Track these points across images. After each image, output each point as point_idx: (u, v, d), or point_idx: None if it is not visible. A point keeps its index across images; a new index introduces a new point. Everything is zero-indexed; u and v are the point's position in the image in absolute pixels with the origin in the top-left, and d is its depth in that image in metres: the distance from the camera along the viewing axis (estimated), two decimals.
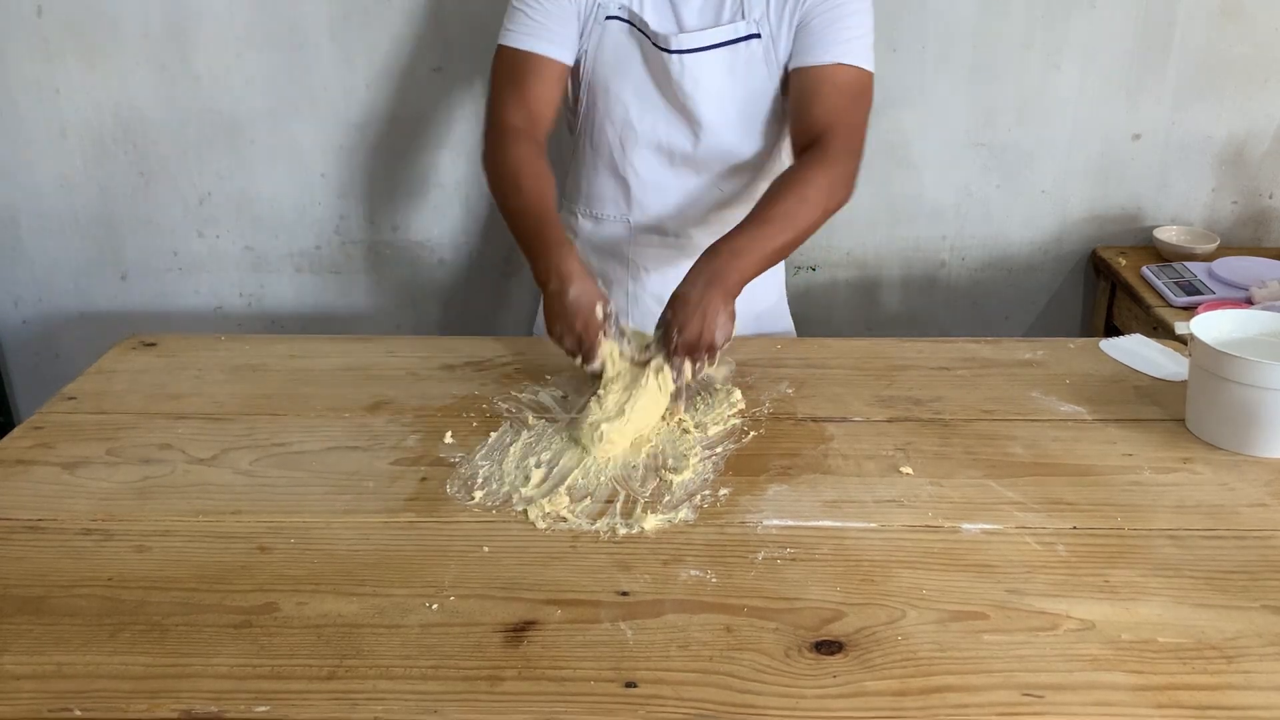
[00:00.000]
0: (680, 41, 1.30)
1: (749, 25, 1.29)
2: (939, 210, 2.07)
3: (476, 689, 0.76)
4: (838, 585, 0.87)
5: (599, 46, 1.33)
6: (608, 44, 1.32)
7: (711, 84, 1.33)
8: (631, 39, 1.33)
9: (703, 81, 1.32)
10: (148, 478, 1.05)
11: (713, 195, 1.43)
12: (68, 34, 1.91)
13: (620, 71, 1.34)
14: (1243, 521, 0.96)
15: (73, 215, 2.06)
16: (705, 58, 1.31)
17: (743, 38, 1.30)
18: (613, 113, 1.38)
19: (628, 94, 1.36)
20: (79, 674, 0.78)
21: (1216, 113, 1.98)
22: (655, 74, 1.34)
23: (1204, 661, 0.78)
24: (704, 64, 1.31)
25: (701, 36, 1.30)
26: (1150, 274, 1.88)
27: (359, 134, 1.99)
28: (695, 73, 1.32)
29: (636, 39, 1.33)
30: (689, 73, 1.32)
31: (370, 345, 1.36)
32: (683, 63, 1.31)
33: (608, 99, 1.37)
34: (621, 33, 1.32)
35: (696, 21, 1.31)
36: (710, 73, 1.32)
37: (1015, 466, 1.05)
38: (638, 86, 1.35)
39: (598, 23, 1.31)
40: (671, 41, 1.30)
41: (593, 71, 1.35)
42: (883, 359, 1.31)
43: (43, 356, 2.19)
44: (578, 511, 0.98)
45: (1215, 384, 1.07)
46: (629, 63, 1.34)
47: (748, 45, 1.30)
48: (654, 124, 1.37)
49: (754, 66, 1.31)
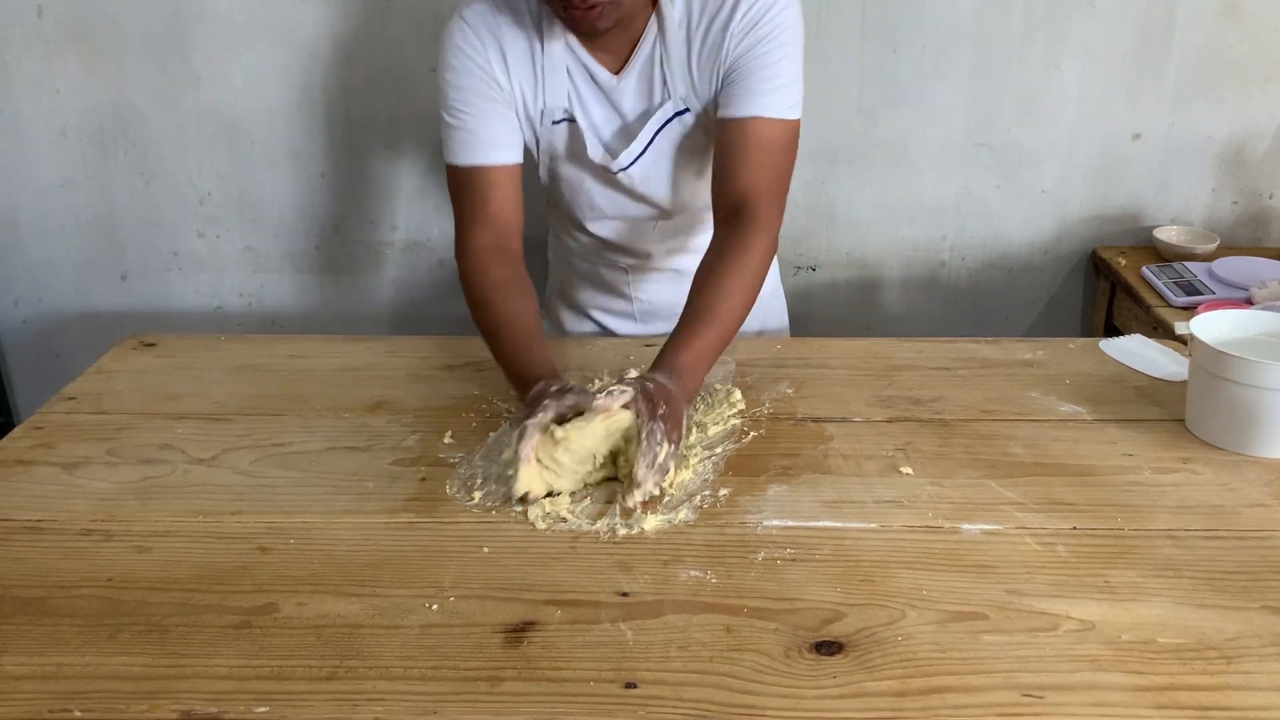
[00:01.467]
0: (620, 161, 1.29)
1: (675, 103, 1.27)
2: (939, 210, 2.07)
3: (476, 690, 0.76)
4: (838, 586, 0.87)
5: (552, 144, 1.32)
6: (559, 143, 1.31)
7: (661, 172, 1.33)
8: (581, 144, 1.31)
9: (653, 177, 1.33)
10: (148, 478, 1.05)
11: (696, 232, 1.44)
12: (68, 34, 1.91)
13: (578, 166, 1.34)
14: (1243, 522, 0.96)
15: (73, 215, 2.06)
16: (647, 156, 1.30)
17: (671, 118, 1.28)
18: (578, 199, 1.38)
19: (588, 183, 1.36)
20: (79, 674, 0.78)
21: (1216, 113, 1.98)
22: (610, 180, 1.34)
23: (1204, 662, 0.78)
24: (649, 162, 1.31)
25: (637, 144, 1.29)
26: (1150, 274, 1.88)
27: (359, 134, 1.99)
28: (645, 174, 1.32)
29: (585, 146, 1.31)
30: (638, 179, 1.32)
31: (370, 345, 1.36)
32: (630, 176, 1.31)
33: (572, 188, 1.37)
34: (571, 135, 1.31)
35: (632, 106, 1.29)
36: (657, 163, 1.32)
37: (1015, 466, 1.05)
38: (597, 186, 1.35)
39: (545, 127, 1.30)
40: (611, 164, 1.30)
41: (552, 165, 1.35)
42: (883, 359, 1.31)
43: (43, 356, 2.19)
44: (578, 512, 0.98)
45: (1215, 384, 1.07)
46: (583, 166, 1.33)
47: (681, 121, 1.29)
48: (621, 208, 1.38)
49: (695, 136, 1.30)
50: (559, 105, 1.28)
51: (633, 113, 1.30)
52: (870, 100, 1.98)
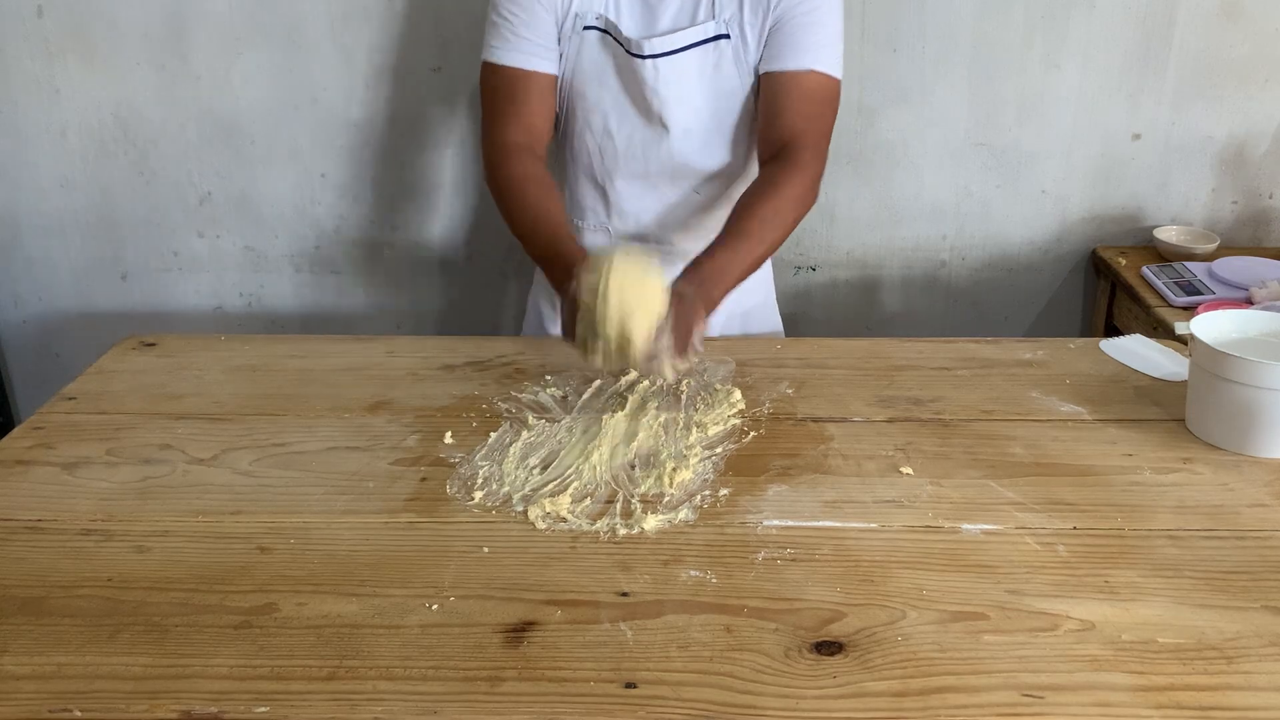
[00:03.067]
0: (652, 46, 1.30)
1: (718, 25, 1.29)
2: (939, 210, 2.07)
3: (476, 690, 0.76)
4: (838, 586, 0.87)
5: (577, 57, 1.32)
6: (585, 54, 1.32)
7: (683, 88, 1.33)
8: (607, 49, 1.33)
9: (675, 85, 1.33)
10: (148, 478, 1.05)
11: (691, 201, 1.44)
12: (68, 34, 1.91)
13: (597, 81, 1.34)
14: (1243, 521, 0.96)
15: (73, 215, 2.06)
16: (677, 61, 1.31)
17: (712, 38, 1.30)
18: (591, 122, 1.38)
19: (605, 103, 1.36)
20: (79, 674, 0.78)
21: (1216, 113, 1.98)
22: (629, 82, 1.34)
23: (1204, 662, 0.78)
24: (676, 67, 1.31)
25: (672, 39, 1.30)
26: (1150, 274, 1.88)
27: (359, 134, 1.99)
28: (668, 76, 1.32)
29: (611, 48, 1.32)
30: (662, 77, 1.32)
31: (370, 345, 1.36)
32: (656, 67, 1.31)
33: (586, 108, 1.37)
34: (598, 42, 1.32)
35: (670, 23, 1.31)
36: (682, 76, 1.32)
37: (1015, 466, 1.05)
38: (614, 96, 1.35)
39: (575, 33, 1.30)
40: (644, 46, 1.30)
41: (571, 82, 1.35)
42: (883, 359, 1.31)
43: (43, 356, 2.19)
44: (578, 512, 0.98)
45: (1215, 384, 1.07)
46: (605, 72, 1.34)
47: (717, 46, 1.30)
48: (630, 133, 1.37)
49: (724, 68, 1.32)
50: (593, 9, 1.30)
51: (672, 24, 1.31)
52: (870, 100, 1.98)
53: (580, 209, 1.48)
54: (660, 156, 1.39)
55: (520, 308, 2.13)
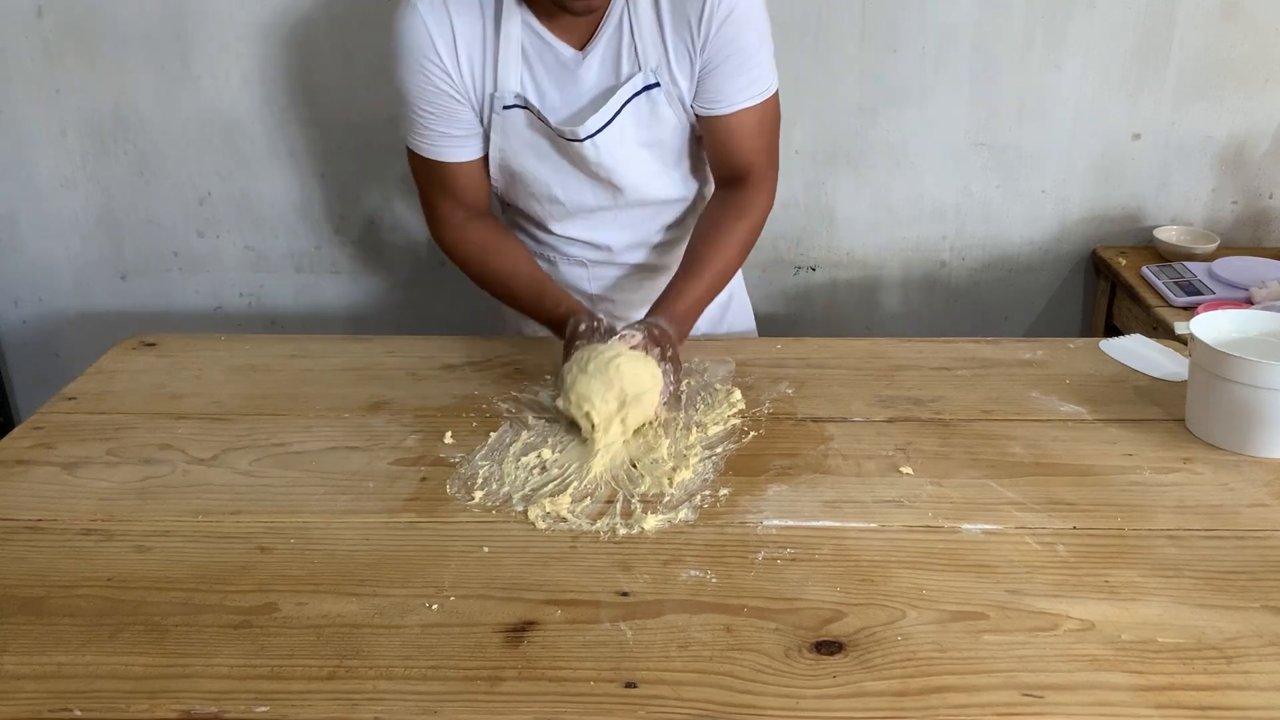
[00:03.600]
0: (586, 128, 1.25)
1: (646, 76, 1.25)
2: (939, 210, 2.07)
3: (476, 689, 0.76)
4: (838, 585, 0.87)
5: (505, 134, 1.29)
6: (512, 131, 1.28)
7: (625, 150, 1.30)
8: (534, 127, 1.28)
9: (618, 153, 1.30)
10: (148, 478, 1.05)
11: (654, 226, 1.43)
12: (68, 34, 1.91)
13: (534, 157, 1.31)
14: (1243, 521, 0.96)
15: (73, 215, 2.06)
16: (614, 129, 1.27)
17: (641, 90, 1.26)
18: (535, 191, 1.35)
19: (546, 173, 1.33)
20: (79, 674, 0.78)
21: (1216, 113, 1.98)
22: (570, 158, 1.31)
23: (1204, 662, 0.78)
24: (614, 136, 1.28)
25: (604, 112, 1.26)
26: (1150, 274, 1.88)
27: (359, 134, 1.99)
28: (609, 147, 1.28)
29: (539, 127, 1.28)
30: (604, 151, 1.28)
31: (370, 345, 1.36)
32: (595, 145, 1.27)
33: (526, 180, 1.34)
34: (525, 121, 1.28)
35: (595, 83, 1.26)
36: (621, 140, 1.29)
37: (1015, 466, 1.05)
38: (555, 168, 1.32)
39: (497, 114, 1.27)
40: (579, 131, 1.26)
41: (504, 158, 1.32)
42: (883, 359, 1.31)
43: (43, 356, 2.19)
44: (578, 511, 0.98)
45: (1215, 384, 1.07)
46: (540, 149, 1.30)
47: (649, 96, 1.27)
48: (579, 195, 1.35)
49: (659, 112, 1.28)
50: (510, 89, 1.25)
51: (596, 89, 1.27)
52: (870, 100, 1.98)
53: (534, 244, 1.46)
54: (616, 206, 1.38)
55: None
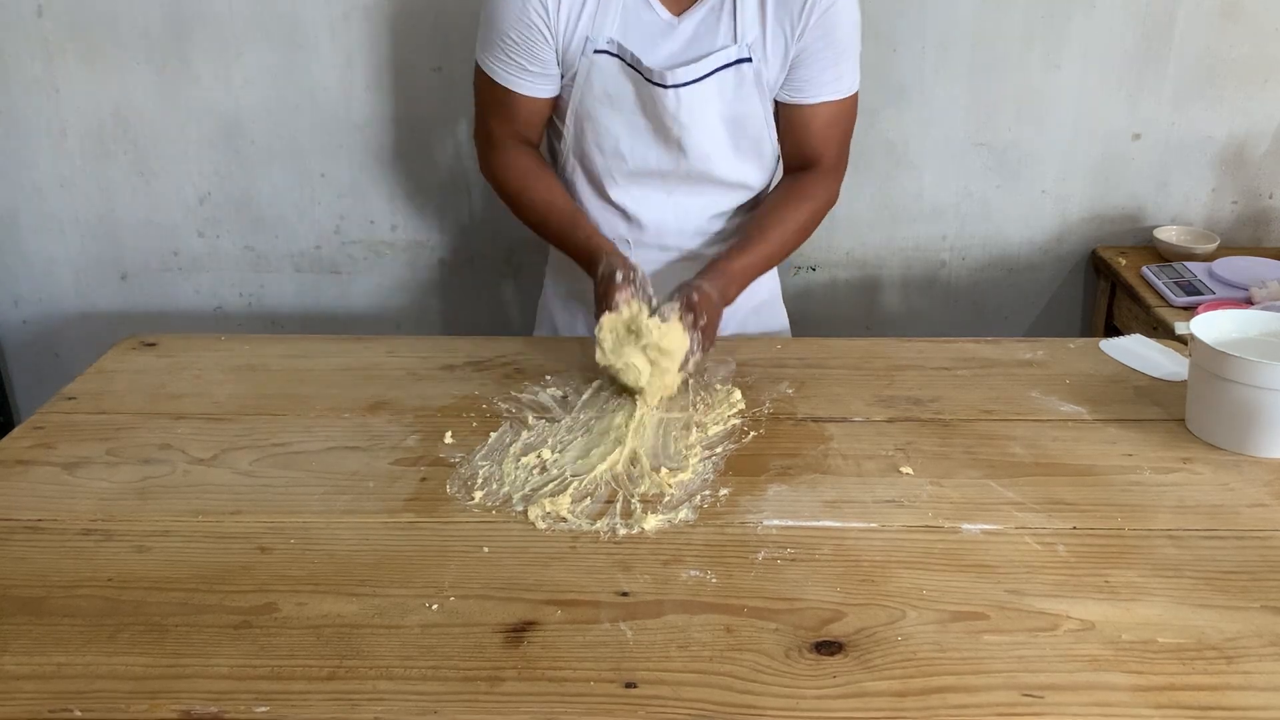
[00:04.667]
0: (675, 76, 1.27)
1: (740, 50, 1.28)
2: (939, 210, 2.07)
3: (476, 689, 0.76)
4: (838, 585, 0.87)
5: (587, 80, 1.30)
6: (596, 78, 1.30)
7: (704, 113, 1.32)
8: (622, 73, 1.30)
9: (696, 112, 1.31)
10: (148, 478, 1.05)
11: (709, 212, 1.43)
12: (68, 34, 1.91)
13: (610, 104, 1.32)
14: (1243, 521, 0.96)
15: (73, 215, 2.06)
16: (699, 88, 1.29)
17: (734, 62, 1.29)
18: (602, 143, 1.36)
19: (617, 126, 1.34)
20: (79, 674, 0.78)
21: (1216, 113, 1.98)
22: (647, 107, 1.32)
23: (1204, 662, 0.78)
24: (698, 94, 1.30)
25: (695, 68, 1.28)
26: (1150, 274, 1.88)
27: (359, 134, 1.99)
28: (690, 104, 1.30)
29: (628, 74, 1.30)
30: (684, 106, 1.30)
31: (370, 345, 1.36)
32: (678, 96, 1.29)
33: (596, 130, 1.35)
34: (611, 66, 1.30)
35: (685, 47, 1.29)
36: (704, 102, 1.31)
37: (1015, 466, 1.05)
38: (628, 119, 1.34)
39: (585, 56, 1.28)
40: (667, 76, 1.27)
41: (580, 103, 1.33)
42: (883, 359, 1.31)
43: (43, 356, 2.19)
44: (578, 511, 0.98)
45: (1215, 384, 1.07)
46: (620, 96, 1.32)
47: (739, 70, 1.29)
48: (644, 154, 1.36)
49: (745, 89, 1.31)
50: (604, 35, 1.28)
51: (686, 52, 1.29)
52: (870, 100, 1.97)
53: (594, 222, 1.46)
54: (678, 176, 1.38)
55: (520, 308, 2.13)
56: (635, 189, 1.40)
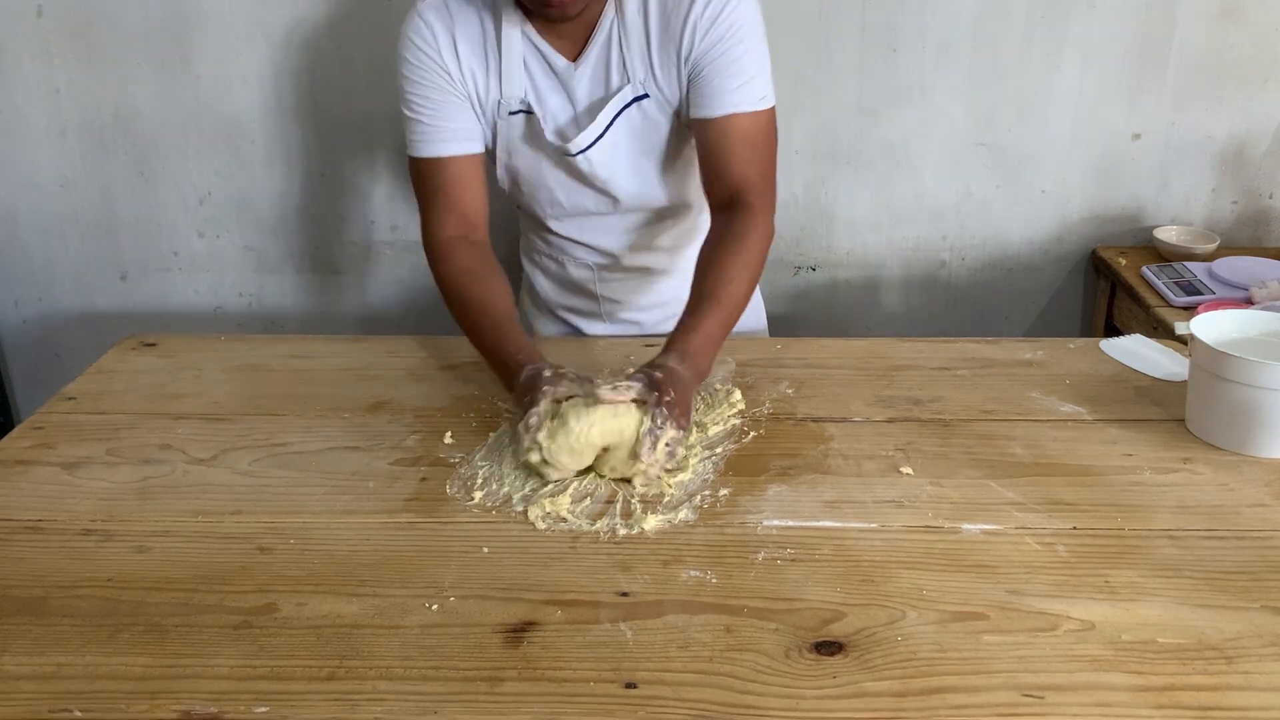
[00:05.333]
0: (578, 142, 1.28)
1: (635, 88, 1.27)
2: (939, 210, 2.07)
3: (476, 690, 0.76)
4: (838, 585, 0.87)
5: (510, 138, 1.31)
6: (516, 136, 1.31)
7: (620, 160, 1.32)
8: (535, 138, 1.31)
9: (611, 163, 1.32)
10: (148, 478, 1.05)
11: (657, 232, 1.44)
12: (68, 34, 1.91)
13: (535, 160, 1.33)
14: (1243, 521, 0.96)
15: (73, 215, 2.06)
16: (606, 141, 1.30)
17: (630, 102, 1.28)
18: (538, 194, 1.37)
19: (548, 181, 1.35)
20: (79, 674, 0.78)
21: (1216, 113, 1.98)
22: (567, 169, 1.33)
23: (1204, 662, 0.78)
24: (607, 147, 1.30)
25: (594, 127, 1.28)
26: (1150, 274, 1.88)
27: (359, 134, 1.99)
28: (602, 159, 1.31)
29: (539, 140, 1.31)
30: (597, 163, 1.31)
31: (370, 345, 1.36)
32: (589, 159, 1.30)
33: (531, 183, 1.36)
34: (526, 126, 1.31)
35: (587, 93, 1.29)
36: (615, 150, 1.31)
37: (1015, 466, 1.05)
38: (555, 176, 1.35)
39: (502, 118, 1.30)
40: (569, 146, 1.29)
41: (510, 157, 1.34)
42: (883, 359, 1.31)
43: (43, 356, 2.19)
44: (578, 512, 0.98)
45: (1215, 384, 1.07)
46: (540, 158, 1.33)
47: (639, 106, 1.29)
48: (579, 200, 1.37)
49: (649, 123, 1.30)
50: (515, 95, 1.28)
51: (589, 99, 1.29)
52: (870, 100, 1.98)
53: (553, 251, 1.48)
54: (616, 212, 1.39)
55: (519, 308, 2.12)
56: (579, 228, 1.42)
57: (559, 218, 1.41)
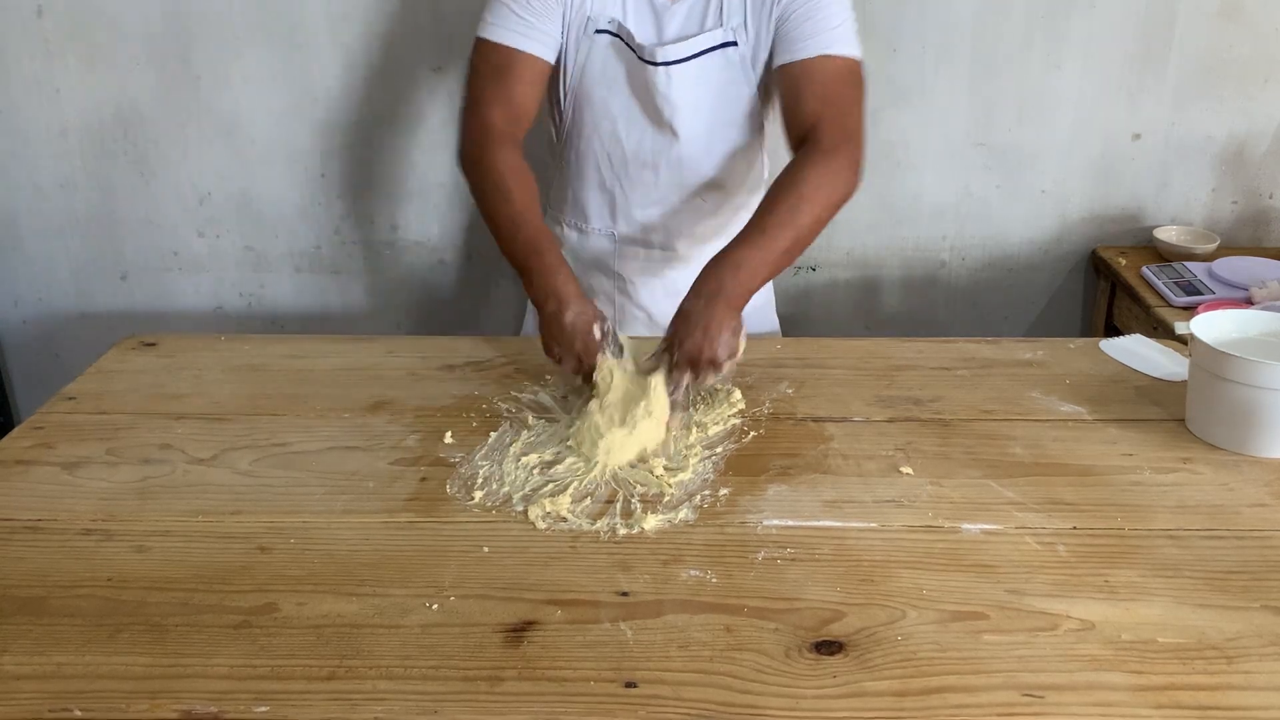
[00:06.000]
0: (665, 53, 1.31)
1: (725, 32, 1.30)
2: (939, 210, 2.07)
3: (476, 689, 0.76)
4: (838, 585, 0.87)
5: (587, 60, 1.33)
6: (595, 58, 1.32)
7: (693, 94, 1.34)
8: (618, 55, 1.33)
9: (685, 92, 1.33)
10: (148, 478, 1.05)
11: (696, 207, 1.44)
12: (68, 34, 1.91)
13: (607, 86, 1.35)
14: (1243, 521, 0.96)
15: (73, 215, 2.06)
16: (688, 68, 1.32)
17: (720, 45, 1.31)
18: (600, 127, 1.38)
19: (614, 108, 1.36)
20: (79, 674, 0.78)
21: (1216, 113, 1.98)
22: (639, 88, 1.34)
23: (1204, 661, 0.78)
24: (687, 74, 1.32)
25: (683, 47, 1.31)
26: (1150, 274, 1.88)
27: (359, 134, 1.99)
28: (679, 83, 1.33)
29: (623, 54, 1.33)
30: (674, 84, 1.32)
31: (370, 345, 1.36)
32: (668, 74, 1.32)
33: (594, 113, 1.37)
34: (609, 48, 1.33)
35: (679, 30, 1.32)
36: (693, 82, 1.33)
37: (1015, 466, 1.05)
38: (624, 101, 1.36)
39: (587, 35, 1.31)
40: (656, 54, 1.31)
41: (579, 85, 1.35)
42: (883, 359, 1.31)
43: (43, 356, 2.19)
44: (578, 511, 0.98)
45: (1215, 384, 1.07)
46: (615, 78, 1.34)
47: (725, 53, 1.32)
48: (640, 138, 1.38)
49: (732, 74, 1.33)
50: (605, 14, 1.31)
51: (680, 33, 1.32)
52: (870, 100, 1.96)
53: (584, 213, 1.48)
54: (668, 162, 1.39)
55: (520, 308, 2.12)
56: (628, 178, 1.42)
57: (610, 161, 1.40)
